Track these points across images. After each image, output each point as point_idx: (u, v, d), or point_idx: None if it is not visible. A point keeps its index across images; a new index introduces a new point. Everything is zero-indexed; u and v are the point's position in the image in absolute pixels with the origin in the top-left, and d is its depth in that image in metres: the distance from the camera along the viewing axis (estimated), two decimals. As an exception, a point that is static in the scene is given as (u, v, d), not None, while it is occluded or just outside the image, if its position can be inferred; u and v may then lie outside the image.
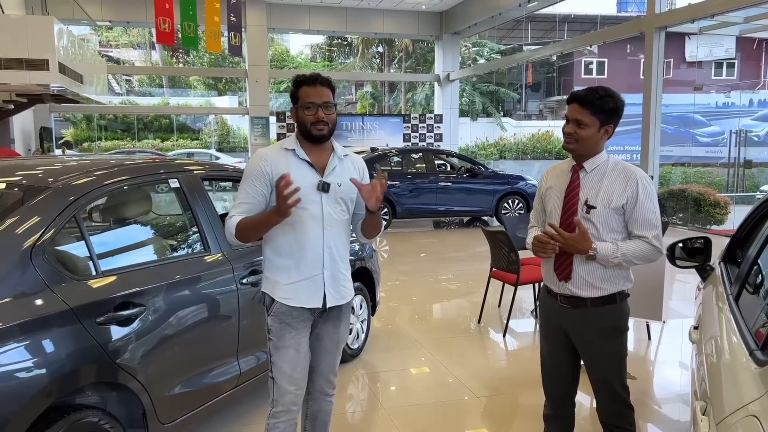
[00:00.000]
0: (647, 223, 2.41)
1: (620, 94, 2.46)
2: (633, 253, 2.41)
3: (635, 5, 30.74)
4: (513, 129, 28.65)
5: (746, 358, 1.77)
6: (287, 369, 2.45)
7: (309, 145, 2.47)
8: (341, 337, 2.64)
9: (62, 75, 10.61)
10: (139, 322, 2.57)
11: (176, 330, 2.78)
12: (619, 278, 2.48)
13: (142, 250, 2.96)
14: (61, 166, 2.96)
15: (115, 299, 2.49)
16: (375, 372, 4.39)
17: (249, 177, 2.43)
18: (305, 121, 2.42)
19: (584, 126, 2.42)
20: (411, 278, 7.80)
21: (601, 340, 2.50)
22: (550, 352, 2.66)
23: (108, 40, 32.10)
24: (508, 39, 30.54)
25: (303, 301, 2.46)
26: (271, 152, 2.47)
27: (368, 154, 11.88)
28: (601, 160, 2.50)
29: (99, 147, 24.43)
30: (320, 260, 2.46)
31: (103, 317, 2.42)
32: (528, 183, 11.84)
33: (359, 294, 4.53)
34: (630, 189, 2.41)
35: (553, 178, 2.62)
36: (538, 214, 2.72)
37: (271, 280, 2.48)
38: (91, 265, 2.50)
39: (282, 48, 33.43)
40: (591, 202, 2.43)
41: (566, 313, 2.52)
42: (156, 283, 2.71)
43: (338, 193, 2.47)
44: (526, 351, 4.99)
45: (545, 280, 2.64)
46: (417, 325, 5.50)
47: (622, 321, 2.52)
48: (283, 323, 2.45)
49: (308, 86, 2.43)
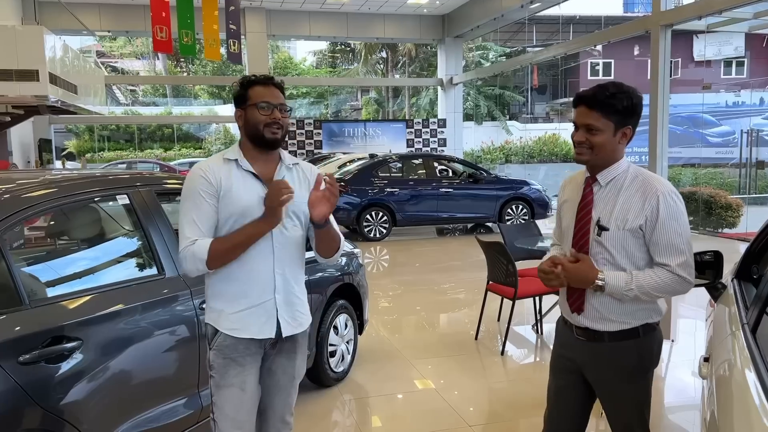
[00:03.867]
0: (671, 248, 2.01)
1: (635, 89, 2.06)
2: (652, 284, 2.01)
3: (642, 5, 30.39)
4: (519, 132, 28.28)
5: (764, 402, 1.46)
6: (230, 411, 2.15)
7: (254, 154, 2.19)
8: (297, 371, 2.32)
9: (53, 86, 10.41)
10: (75, 359, 2.27)
11: (123, 365, 2.48)
12: (642, 311, 2.09)
13: (82, 275, 2.67)
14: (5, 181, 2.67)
15: (44, 334, 2.20)
16: (362, 397, 4.08)
17: (194, 193, 2.12)
18: (258, 121, 2.15)
19: (596, 132, 2.03)
20: (408, 289, 7.48)
21: (620, 381, 2.12)
22: (558, 389, 2.29)
23: (111, 50, 32.08)
24: (513, 42, 30.25)
25: (253, 331, 2.15)
26: (212, 163, 2.18)
27: (367, 161, 11.60)
28: (618, 171, 2.10)
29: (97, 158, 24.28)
30: (271, 283, 2.17)
31: (29, 355, 2.12)
32: (532, 188, 11.51)
33: (344, 312, 4.22)
34: (649, 207, 2.01)
35: (569, 191, 2.26)
36: (558, 231, 2.35)
37: (215, 309, 2.18)
38: (15, 296, 2.21)
39: (285, 55, 33.27)
40: (603, 223, 2.07)
41: (581, 347, 2.17)
42: (96, 312, 2.41)
43: (289, 207, 2.16)
44: (526, 371, 4.66)
45: (561, 309, 2.28)
46: (410, 342, 5.18)
47: (647, 358, 2.12)
48: (227, 358, 2.15)
49: (261, 86, 2.19)
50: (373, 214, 10.61)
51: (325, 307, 3.98)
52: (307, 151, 19.26)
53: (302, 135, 19.49)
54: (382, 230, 10.64)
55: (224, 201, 2.12)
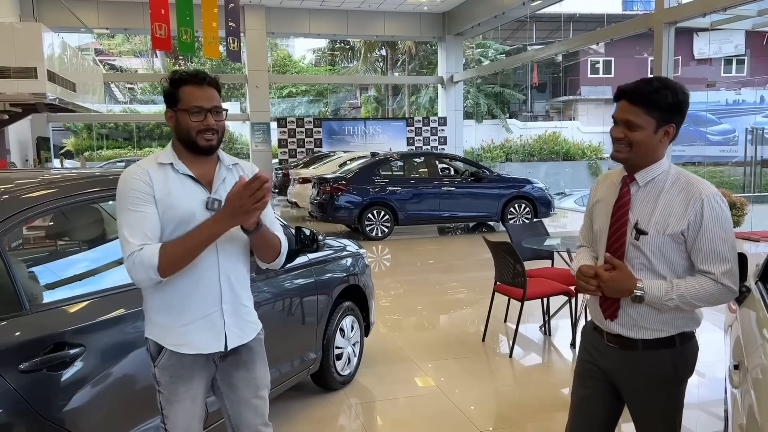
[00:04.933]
0: (715, 255, 1.89)
1: (682, 85, 1.92)
2: (694, 293, 1.90)
3: (640, 3, 30.32)
4: (519, 131, 28.22)
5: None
6: (183, 423, 2.04)
7: (190, 157, 2.02)
8: (261, 381, 2.17)
9: (51, 83, 10.31)
10: (78, 366, 2.18)
11: (127, 371, 2.39)
12: (680, 319, 1.99)
13: (84, 278, 2.58)
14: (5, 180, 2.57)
15: (46, 340, 2.11)
16: (369, 401, 3.99)
17: (133, 195, 1.92)
18: (189, 128, 1.97)
19: (636, 128, 1.91)
20: (412, 289, 7.40)
21: (653, 391, 2.01)
22: (584, 398, 2.17)
23: (109, 48, 31.93)
24: (513, 39, 30.18)
25: (199, 345, 2.01)
26: (147, 166, 1.99)
27: (368, 159, 11.51)
28: (658, 171, 1.98)
29: (95, 156, 24.16)
30: (217, 293, 2.02)
31: (28, 363, 2.03)
32: (535, 186, 11.42)
33: (350, 315, 4.14)
34: (692, 211, 1.90)
35: (603, 190, 2.13)
36: (587, 232, 2.24)
37: (157, 323, 2.01)
38: (15, 301, 2.12)
39: (284, 53, 33.14)
40: (642, 226, 1.95)
41: (613, 354, 2.06)
42: (100, 317, 2.32)
43: None
44: (535, 373, 4.57)
45: (591, 314, 2.18)
46: (416, 344, 5.09)
47: (682, 369, 2.02)
48: (174, 376, 2.01)
49: (193, 86, 1.99)
50: (375, 213, 10.52)
51: (332, 309, 3.89)
52: (307, 150, 19.17)
53: (302, 133, 19.39)
54: (384, 229, 10.55)
55: (162, 207, 1.94)
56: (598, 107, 31.03)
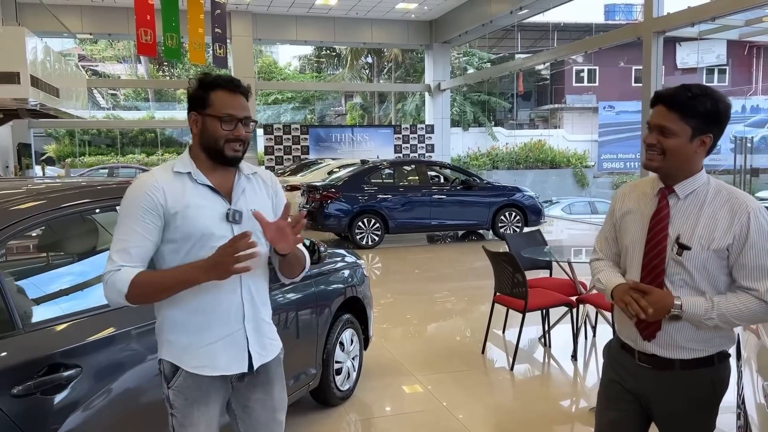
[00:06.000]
0: (760, 270, 1.80)
1: (723, 94, 1.84)
2: (735, 312, 1.81)
3: (623, 14, 30.66)
4: (505, 138, 28.33)
5: None
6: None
7: (209, 166, 1.91)
8: (278, 404, 2.06)
9: (35, 88, 10.08)
10: (74, 389, 2.05)
11: (126, 393, 2.26)
12: (718, 338, 1.90)
13: (80, 295, 2.44)
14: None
15: (40, 362, 1.97)
16: (368, 418, 3.87)
17: (136, 210, 1.80)
18: (218, 136, 1.86)
19: (670, 134, 1.82)
20: (406, 298, 7.29)
21: (690, 413, 1.92)
22: (614, 421, 2.04)
23: (92, 53, 31.56)
24: (498, 48, 30.33)
25: (222, 366, 1.90)
26: (161, 177, 1.87)
27: (358, 167, 11.40)
28: (698, 183, 1.88)
29: (78, 163, 23.80)
30: (240, 311, 1.91)
31: (22, 387, 1.90)
32: (525, 195, 11.38)
33: (350, 327, 4.02)
34: (738, 225, 1.81)
35: (633, 201, 2.01)
36: (608, 244, 2.12)
37: (176, 344, 1.89)
38: (7, 320, 1.98)
39: (270, 59, 33.00)
40: (684, 241, 1.85)
41: (646, 376, 1.95)
42: (96, 335, 2.19)
43: (252, 221, 1.89)
44: (536, 386, 4.48)
45: (619, 331, 2.06)
46: (415, 356, 4.98)
47: (720, 389, 1.93)
48: (189, 398, 1.89)
49: (226, 92, 1.88)
50: (365, 221, 10.41)
51: (332, 322, 3.77)
52: (294, 157, 19.01)
53: (289, 140, 19.24)
54: (375, 237, 10.44)
55: (178, 222, 1.83)
56: (583, 116, 31.27)
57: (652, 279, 1.91)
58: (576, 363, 4.81)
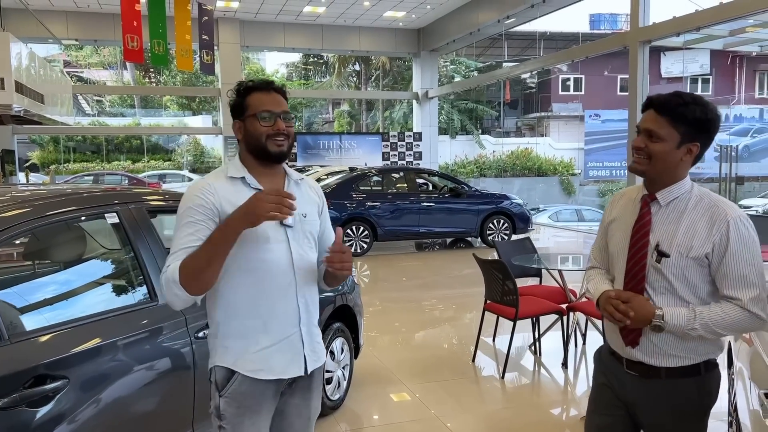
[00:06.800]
0: (741, 280, 1.79)
1: (715, 105, 1.86)
2: (719, 322, 1.79)
3: (608, 23, 31.00)
4: (492, 146, 28.47)
5: None
6: None
7: (258, 170, 1.94)
8: (312, 412, 2.06)
9: (19, 94, 9.97)
10: (61, 401, 2.00)
11: (114, 404, 2.21)
12: (704, 346, 1.88)
13: (68, 305, 2.39)
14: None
15: (25, 373, 1.93)
16: (359, 428, 3.83)
17: (191, 215, 1.82)
18: (259, 133, 1.89)
19: (657, 139, 1.82)
20: (395, 306, 7.26)
21: (676, 422, 1.90)
22: (603, 426, 2.05)
23: (77, 60, 31.31)
24: (486, 56, 30.48)
25: (279, 370, 1.90)
26: (214, 182, 1.89)
27: (347, 174, 11.38)
28: (681, 191, 1.88)
29: (63, 169, 23.56)
30: (296, 314, 1.92)
31: (7, 399, 1.85)
32: (513, 202, 11.42)
33: (341, 336, 3.99)
34: (718, 233, 1.80)
35: (619, 208, 2.03)
36: (601, 252, 2.13)
37: (231, 349, 1.88)
38: (-8, 331, 1.93)
39: (257, 67, 32.92)
40: (664, 248, 1.85)
41: (632, 383, 1.95)
42: (84, 346, 2.14)
43: (305, 226, 1.94)
44: (527, 394, 4.46)
45: (608, 339, 2.07)
46: (405, 365, 4.95)
47: (707, 398, 1.91)
48: (242, 407, 1.87)
49: (260, 92, 1.93)
50: (354, 228, 10.38)
51: (322, 331, 3.73)
52: (282, 164, 18.94)
53: (276, 147, 19.17)
54: (363, 245, 10.41)
55: None
56: (569, 124, 31.49)
57: (633, 285, 1.92)
58: (566, 371, 4.80)
